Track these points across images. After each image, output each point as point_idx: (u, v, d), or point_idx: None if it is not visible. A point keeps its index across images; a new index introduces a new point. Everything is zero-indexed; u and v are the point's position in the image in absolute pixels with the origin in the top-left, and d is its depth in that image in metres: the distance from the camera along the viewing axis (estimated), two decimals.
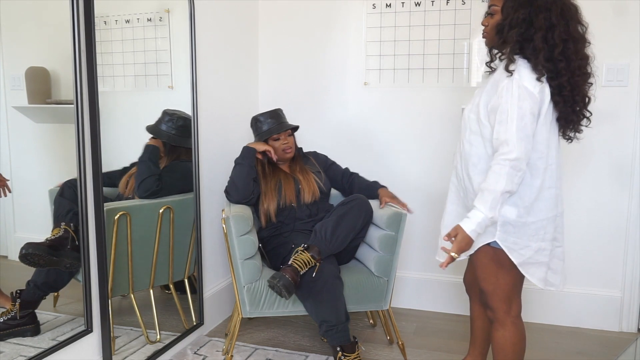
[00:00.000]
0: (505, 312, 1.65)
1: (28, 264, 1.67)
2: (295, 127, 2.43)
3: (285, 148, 2.37)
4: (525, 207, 1.56)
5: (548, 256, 1.62)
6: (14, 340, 1.63)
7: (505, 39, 1.53)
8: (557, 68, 1.49)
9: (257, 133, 2.42)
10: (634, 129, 2.47)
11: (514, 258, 1.57)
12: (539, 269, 1.61)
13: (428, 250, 2.81)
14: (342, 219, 2.14)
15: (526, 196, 1.55)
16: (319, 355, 2.29)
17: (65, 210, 1.76)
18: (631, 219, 2.51)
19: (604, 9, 2.40)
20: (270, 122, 2.39)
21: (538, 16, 1.48)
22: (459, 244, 1.53)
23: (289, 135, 2.40)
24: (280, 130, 2.36)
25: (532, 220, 1.56)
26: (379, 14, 2.76)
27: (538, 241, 1.58)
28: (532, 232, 1.57)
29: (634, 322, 2.57)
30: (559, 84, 1.51)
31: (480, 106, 1.57)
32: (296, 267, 1.99)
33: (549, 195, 1.58)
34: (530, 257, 1.58)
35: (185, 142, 2.27)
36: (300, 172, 2.41)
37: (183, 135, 2.23)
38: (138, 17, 2.06)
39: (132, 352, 2.05)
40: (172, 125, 2.17)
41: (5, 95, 1.59)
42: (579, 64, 1.52)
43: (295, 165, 2.45)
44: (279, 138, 2.37)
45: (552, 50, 1.48)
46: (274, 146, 2.38)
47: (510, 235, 1.57)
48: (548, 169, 1.57)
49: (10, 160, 1.61)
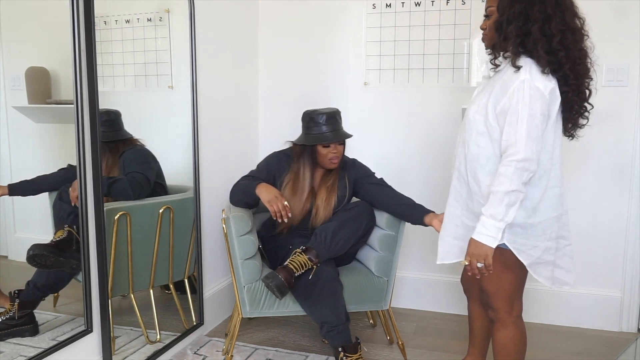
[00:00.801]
0: (507, 312, 1.66)
1: (35, 265, 1.67)
2: (349, 136, 2.26)
3: (332, 158, 2.20)
4: (533, 208, 1.56)
5: (554, 255, 1.62)
6: (13, 340, 1.63)
7: (505, 35, 1.53)
8: (558, 58, 1.49)
9: (307, 132, 2.23)
10: (634, 129, 2.47)
11: (523, 259, 1.57)
12: (546, 268, 1.62)
13: (428, 250, 2.81)
14: (344, 225, 2.12)
15: (533, 197, 1.55)
16: (319, 355, 2.29)
17: (67, 213, 1.76)
18: (631, 219, 2.51)
19: (604, 9, 2.40)
20: (326, 126, 2.18)
21: (533, 9, 1.49)
22: (471, 255, 1.55)
23: (340, 144, 2.23)
24: (334, 140, 2.18)
25: (539, 220, 1.57)
26: (379, 14, 2.76)
27: (545, 240, 1.58)
28: (540, 232, 1.57)
29: (634, 322, 2.57)
30: (563, 75, 1.52)
31: (489, 107, 1.56)
32: (291, 268, 1.98)
33: (554, 194, 1.59)
34: (538, 257, 1.58)
35: (118, 134, 2.11)
36: (327, 191, 2.24)
37: (112, 129, 2.09)
38: (138, 17, 2.06)
39: (132, 352, 2.05)
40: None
41: (5, 95, 1.59)
42: (579, 54, 1.53)
43: (329, 178, 2.27)
44: (329, 145, 2.20)
45: (550, 41, 1.49)
46: (321, 153, 2.21)
47: (518, 237, 1.57)
48: (553, 169, 1.57)
49: (10, 160, 1.61)
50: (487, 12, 1.63)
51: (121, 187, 1.99)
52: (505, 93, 1.52)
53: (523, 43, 1.52)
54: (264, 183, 2.16)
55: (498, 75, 1.60)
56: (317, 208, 2.24)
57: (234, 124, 2.73)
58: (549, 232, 1.59)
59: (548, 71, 1.50)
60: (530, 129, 1.46)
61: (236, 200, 2.23)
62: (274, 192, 2.12)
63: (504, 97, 1.52)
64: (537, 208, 1.56)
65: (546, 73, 1.49)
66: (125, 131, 2.11)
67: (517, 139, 1.47)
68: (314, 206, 2.26)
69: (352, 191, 2.31)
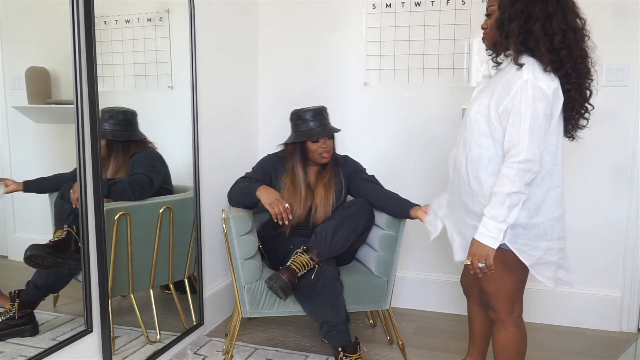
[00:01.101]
0: (508, 313, 1.65)
1: (33, 265, 1.67)
2: (337, 130, 2.31)
3: (322, 152, 2.24)
4: (536, 209, 1.56)
5: (557, 255, 1.62)
6: (13, 340, 1.63)
7: (507, 33, 1.53)
8: (559, 56, 1.49)
9: (296, 130, 2.28)
10: (634, 129, 2.47)
11: (525, 259, 1.57)
12: (549, 268, 1.61)
13: (428, 250, 2.81)
14: (344, 223, 2.13)
15: (536, 197, 1.55)
16: (319, 355, 2.29)
17: (67, 213, 1.76)
18: (631, 219, 2.51)
19: (604, 9, 2.40)
20: (313, 123, 2.24)
21: (535, 7, 1.49)
22: (472, 255, 1.55)
23: (329, 139, 2.28)
24: (322, 134, 2.23)
25: (542, 220, 1.57)
26: (379, 14, 2.76)
27: (547, 241, 1.58)
28: (542, 232, 1.57)
29: (634, 322, 2.57)
30: (565, 74, 1.52)
31: (491, 107, 1.56)
32: (294, 268, 1.98)
33: (556, 194, 1.58)
34: (540, 258, 1.58)
35: (132, 135, 2.15)
36: (324, 188, 2.27)
37: (128, 129, 2.12)
38: (138, 17, 2.06)
39: (132, 352, 2.05)
40: (113, 122, 2.06)
41: (5, 95, 1.59)
42: (580, 53, 1.53)
43: (325, 175, 2.30)
44: (317, 140, 2.25)
45: (552, 40, 1.49)
46: (311, 148, 2.25)
47: (520, 238, 1.57)
48: (556, 169, 1.57)
49: (10, 160, 1.61)
50: (489, 10, 1.62)
51: (121, 188, 1.99)
52: (508, 93, 1.51)
53: (525, 41, 1.51)
54: (264, 185, 2.17)
55: (500, 74, 1.59)
56: (317, 206, 2.26)
57: (234, 123, 2.73)
58: (551, 233, 1.59)
59: (550, 69, 1.49)
60: (533, 130, 1.46)
61: (235, 202, 2.23)
62: (274, 194, 2.12)
63: (506, 97, 1.51)
64: (540, 208, 1.56)
65: (548, 71, 1.49)
66: (139, 132, 2.14)
67: (519, 139, 1.46)
68: (313, 204, 2.27)
69: (347, 186, 2.34)
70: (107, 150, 2.00)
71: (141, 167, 2.07)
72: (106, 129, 2.01)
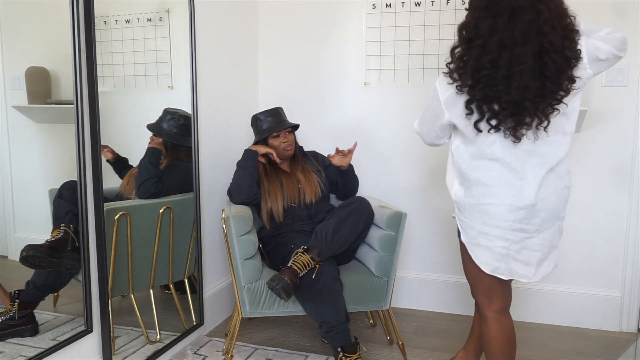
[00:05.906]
0: (486, 307, 1.70)
1: (29, 265, 1.67)
2: (295, 126, 2.44)
3: (285, 146, 2.38)
4: (470, 189, 1.60)
5: (493, 242, 1.58)
6: (13, 340, 1.63)
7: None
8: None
9: (258, 131, 2.43)
10: (634, 129, 2.47)
11: (462, 236, 1.64)
12: (483, 253, 1.61)
13: (428, 250, 2.81)
14: (344, 221, 2.14)
15: (469, 180, 1.60)
16: (319, 355, 2.29)
17: (65, 212, 1.76)
18: (631, 219, 2.51)
19: (604, 9, 2.40)
20: (270, 120, 2.40)
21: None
22: None
23: (289, 133, 2.41)
24: (280, 128, 2.37)
25: (475, 202, 1.59)
26: (379, 14, 2.76)
27: (480, 224, 1.59)
28: (476, 213, 1.60)
29: (634, 322, 2.58)
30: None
31: None
32: (295, 269, 1.98)
33: (489, 180, 1.56)
34: (473, 238, 1.62)
35: (186, 140, 2.27)
36: (302, 172, 2.41)
37: (184, 134, 2.24)
38: (138, 17, 2.06)
39: (132, 352, 2.05)
40: (173, 124, 2.17)
41: (5, 95, 1.59)
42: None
43: (297, 165, 2.45)
44: (278, 136, 2.38)
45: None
46: (274, 144, 2.38)
47: (462, 215, 1.64)
48: (484, 159, 1.56)
49: (10, 160, 1.61)
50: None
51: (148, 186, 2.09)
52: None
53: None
54: (249, 147, 2.36)
55: None
56: (303, 186, 2.37)
57: (234, 124, 2.73)
58: (487, 218, 1.57)
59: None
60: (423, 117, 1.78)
61: (239, 185, 2.27)
62: (262, 147, 2.36)
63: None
64: (471, 190, 1.61)
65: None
66: (189, 139, 2.26)
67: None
68: (300, 187, 2.36)
69: (322, 169, 2.48)
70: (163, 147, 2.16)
71: (172, 178, 2.20)
72: (163, 128, 2.12)
